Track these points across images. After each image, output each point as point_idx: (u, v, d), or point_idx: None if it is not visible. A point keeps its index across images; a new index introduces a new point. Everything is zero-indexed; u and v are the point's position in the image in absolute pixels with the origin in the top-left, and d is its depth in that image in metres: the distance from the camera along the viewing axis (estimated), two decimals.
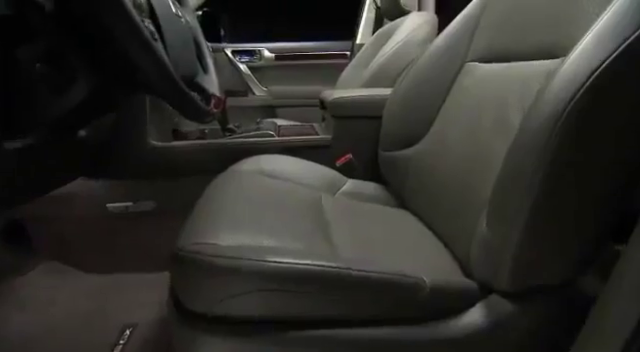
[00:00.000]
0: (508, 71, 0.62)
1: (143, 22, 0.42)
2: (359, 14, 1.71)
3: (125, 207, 0.88)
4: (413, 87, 0.81)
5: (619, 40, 0.37)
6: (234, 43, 1.74)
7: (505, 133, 0.55)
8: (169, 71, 0.41)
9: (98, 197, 0.86)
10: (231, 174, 0.78)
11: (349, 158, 0.92)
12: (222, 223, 0.53)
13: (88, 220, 0.87)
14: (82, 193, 0.85)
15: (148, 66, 0.39)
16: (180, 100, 0.45)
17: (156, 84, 0.42)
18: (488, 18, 0.72)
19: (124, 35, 0.37)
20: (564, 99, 0.39)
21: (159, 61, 0.39)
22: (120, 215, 0.88)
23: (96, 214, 0.87)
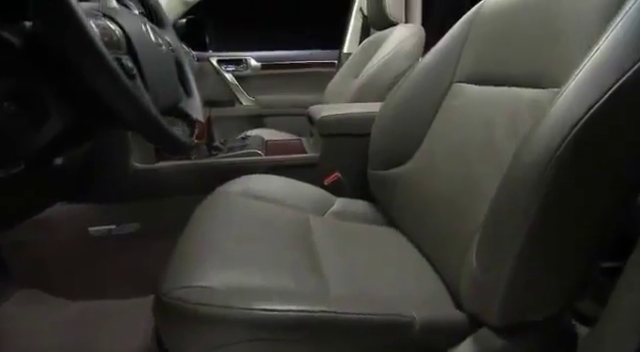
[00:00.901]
0: (495, 95, 0.62)
1: (120, 59, 0.41)
2: (346, 23, 1.71)
3: (108, 230, 0.85)
4: (401, 106, 0.81)
5: (617, 74, 0.37)
6: (220, 51, 1.71)
7: (493, 160, 0.55)
8: (145, 109, 0.39)
9: (79, 221, 0.83)
10: (217, 198, 0.76)
11: (337, 177, 0.91)
12: (208, 260, 0.52)
13: (68, 244, 0.84)
14: (62, 217, 0.82)
15: (122, 106, 0.37)
16: (159, 137, 0.43)
17: (132, 122, 0.40)
18: (473, 39, 0.72)
19: (95, 76, 0.35)
20: (559, 134, 0.38)
21: (134, 100, 0.37)
22: (103, 238, 0.85)
23: (77, 238, 0.84)
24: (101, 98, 0.37)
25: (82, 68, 0.34)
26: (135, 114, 0.38)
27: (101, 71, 0.34)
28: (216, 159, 0.89)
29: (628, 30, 0.38)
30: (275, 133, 1.53)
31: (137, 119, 0.39)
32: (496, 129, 0.57)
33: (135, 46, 0.43)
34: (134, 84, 0.43)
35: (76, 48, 0.33)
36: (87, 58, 0.33)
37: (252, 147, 0.94)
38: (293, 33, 2.02)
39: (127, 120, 0.39)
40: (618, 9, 0.42)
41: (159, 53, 0.51)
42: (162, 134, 0.43)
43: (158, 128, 0.42)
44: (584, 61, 0.41)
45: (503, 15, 0.66)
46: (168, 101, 0.56)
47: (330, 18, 1.81)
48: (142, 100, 0.38)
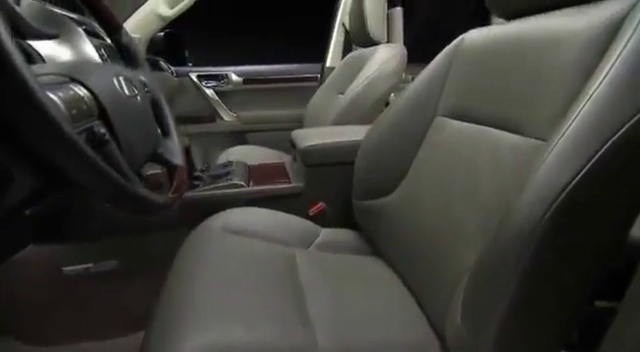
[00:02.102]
0: (477, 134, 0.62)
1: (92, 128, 0.39)
2: (328, 37, 1.70)
3: (85, 269, 0.82)
4: (385, 138, 0.80)
5: (615, 127, 0.36)
6: (200, 66, 1.67)
7: (477, 207, 0.56)
8: (115, 180, 0.37)
9: (52, 261, 0.79)
10: (200, 236, 0.75)
11: (322, 207, 0.91)
12: (192, 318, 0.51)
13: (41, 287, 0.80)
14: (33, 258, 0.78)
15: (89, 181, 0.35)
16: (132, 204, 0.41)
17: (101, 194, 0.38)
18: (455, 73, 0.73)
19: (57, 158, 0.33)
20: (544, 202, 0.38)
21: (102, 173, 0.35)
22: (79, 278, 0.82)
23: (51, 279, 0.80)
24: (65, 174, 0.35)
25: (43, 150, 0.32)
26: (105, 187, 0.37)
27: (65, 153, 0.32)
28: (198, 193, 0.86)
29: (613, 91, 0.38)
30: (258, 151, 1.51)
31: (109, 193, 0.37)
32: (479, 173, 0.58)
33: (107, 108, 0.41)
34: (107, 149, 0.41)
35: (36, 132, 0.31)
36: (48, 142, 0.31)
37: (235, 176, 0.92)
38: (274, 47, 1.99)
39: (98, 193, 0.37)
40: (598, 61, 0.43)
41: (134, 106, 0.48)
42: (135, 200, 0.41)
43: (133, 198, 0.40)
44: (567, 118, 0.41)
45: (483, 52, 0.66)
46: (146, 151, 0.54)
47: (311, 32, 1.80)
48: (111, 173, 0.36)
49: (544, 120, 0.49)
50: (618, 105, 0.37)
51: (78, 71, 0.40)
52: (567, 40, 0.48)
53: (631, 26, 0.40)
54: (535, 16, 0.58)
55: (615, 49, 0.40)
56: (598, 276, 0.43)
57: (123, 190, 0.38)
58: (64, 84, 0.37)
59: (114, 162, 0.42)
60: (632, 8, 0.42)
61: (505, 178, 0.51)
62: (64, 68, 0.39)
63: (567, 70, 0.47)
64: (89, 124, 0.38)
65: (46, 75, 0.37)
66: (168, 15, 1.40)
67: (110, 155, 0.41)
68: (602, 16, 0.45)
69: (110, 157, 0.41)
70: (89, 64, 0.46)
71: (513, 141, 0.54)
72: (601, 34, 0.44)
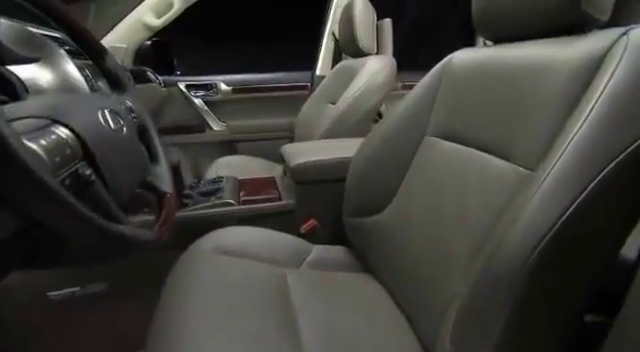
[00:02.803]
0: (465, 157, 0.62)
1: (76, 171, 0.38)
2: (318, 45, 1.70)
3: (71, 293, 0.80)
4: (375, 156, 0.81)
5: (600, 166, 0.37)
6: (188, 76, 1.64)
7: (466, 232, 0.56)
8: (99, 226, 0.36)
9: (36, 286, 0.77)
10: (191, 258, 0.74)
11: (313, 224, 0.90)
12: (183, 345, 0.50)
13: (25, 313, 0.77)
14: (14, 283, 0.76)
15: (71, 230, 0.35)
16: (118, 245, 0.40)
17: (85, 241, 0.37)
18: (444, 93, 0.73)
19: (37, 209, 0.32)
20: (533, 239, 0.39)
21: (85, 222, 0.34)
22: (65, 302, 0.80)
23: (35, 305, 0.78)
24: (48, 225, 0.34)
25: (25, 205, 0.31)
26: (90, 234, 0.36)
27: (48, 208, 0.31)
28: (188, 212, 0.85)
29: (597, 130, 0.39)
30: (248, 162, 1.50)
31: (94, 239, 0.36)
32: (468, 198, 0.58)
33: (92, 148, 0.40)
34: (93, 190, 0.40)
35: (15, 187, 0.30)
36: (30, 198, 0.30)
37: (225, 194, 0.91)
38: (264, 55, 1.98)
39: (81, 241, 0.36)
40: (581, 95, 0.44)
41: (120, 139, 0.47)
42: (123, 242, 0.40)
43: (119, 239, 0.39)
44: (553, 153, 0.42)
45: (471, 75, 0.67)
46: (133, 183, 0.52)
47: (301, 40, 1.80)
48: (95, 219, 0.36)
49: (530, 149, 0.50)
50: (602, 144, 0.38)
51: (60, 111, 0.39)
52: (551, 71, 0.49)
53: (612, 64, 0.41)
54: (521, 42, 0.58)
55: (597, 86, 0.41)
56: (589, 295, 0.44)
57: (108, 233, 0.37)
58: (46, 128, 0.36)
59: (100, 202, 0.41)
60: (613, 45, 0.43)
61: (493, 206, 0.52)
62: (45, 109, 0.38)
63: (551, 101, 0.48)
64: (73, 168, 0.37)
65: (26, 118, 0.36)
66: (155, 25, 1.38)
67: (96, 195, 0.40)
68: (584, 50, 0.46)
69: (96, 198, 0.40)
70: (72, 100, 0.44)
71: (500, 167, 0.54)
72: (583, 68, 0.45)
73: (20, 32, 0.65)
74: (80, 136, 0.39)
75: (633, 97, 0.38)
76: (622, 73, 0.40)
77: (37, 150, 0.32)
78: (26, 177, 0.29)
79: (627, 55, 0.40)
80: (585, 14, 0.47)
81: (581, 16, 0.47)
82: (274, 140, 1.69)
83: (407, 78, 1.72)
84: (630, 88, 0.39)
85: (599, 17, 0.47)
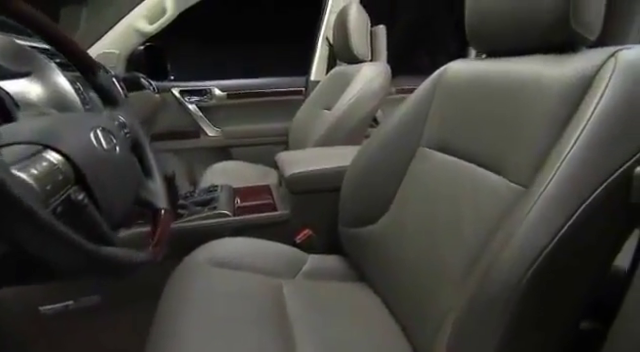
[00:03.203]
0: (459, 170, 0.63)
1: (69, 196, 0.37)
2: (313, 51, 1.69)
3: (64, 307, 0.79)
4: (370, 166, 0.81)
5: (591, 188, 0.38)
6: (182, 81, 1.63)
7: (459, 244, 0.57)
8: (91, 253, 0.36)
9: (27, 300, 0.76)
10: (186, 270, 0.74)
11: (308, 234, 0.90)
12: None
13: (17, 329, 0.76)
14: (5, 298, 0.75)
15: (63, 260, 0.34)
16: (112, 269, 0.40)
17: (78, 269, 0.37)
18: (438, 104, 0.73)
19: (28, 241, 0.31)
20: (527, 260, 0.39)
21: (77, 251, 0.34)
22: (58, 316, 0.79)
23: (26, 320, 0.76)
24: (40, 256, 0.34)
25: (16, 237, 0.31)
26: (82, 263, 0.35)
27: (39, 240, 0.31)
28: (183, 224, 0.85)
29: (588, 152, 0.40)
30: (243, 168, 1.49)
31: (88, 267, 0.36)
32: (461, 212, 0.59)
33: (84, 171, 0.39)
34: (85, 214, 0.40)
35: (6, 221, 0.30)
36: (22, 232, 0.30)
37: (220, 204, 0.90)
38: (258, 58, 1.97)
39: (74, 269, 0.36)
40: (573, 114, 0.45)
41: (113, 159, 0.47)
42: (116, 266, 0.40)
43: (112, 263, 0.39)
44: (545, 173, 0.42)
45: (464, 88, 0.67)
46: (127, 202, 0.52)
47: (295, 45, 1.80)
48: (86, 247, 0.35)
49: (522, 165, 0.50)
50: (593, 166, 0.39)
51: (52, 136, 0.38)
52: (542, 89, 0.50)
53: (601, 85, 0.42)
54: (513, 57, 0.59)
55: (587, 107, 0.42)
56: (583, 307, 0.45)
57: (100, 259, 0.37)
58: (37, 154, 0.36)
59: (93, 225, 0.41)
60: (602, 65, 0.44)
61: (486, 221, 0.52)
62: (36, 134, 0.37)
63: (542, 119, 0.49)
64: (66, 193, 0.37)
65: (16, 144, 0.36)
66: (148, 31, 1.37)
67: (89, 219, 0.40)
68: (575, 69, 0.47)
69: (89, 221, 0.40)
70: (63, 121, 0.44)
71: (493, 181, 0.55)
72: (573, 88, 0.46)
73: (9, 46, 0.64)
74: (72, 160, 0.38)
75: (621, 119, 0.39)
76: (611, 95, 0.40)
77: (27, 180, 0.32)
78: (14, 209, 0.28)
79: (615, 77, 0.41)
80: (575, 33, 0.47)
81: (571, 35, 0.48)
82: (269, 145, 1.69)
83: (402, 83, 1.73)
84: (618, 111, 0.40)
85: (588, 36, 0.48)
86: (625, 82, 0.40)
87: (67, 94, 0.68)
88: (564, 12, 0.47)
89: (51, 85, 0.66)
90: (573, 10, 0.46)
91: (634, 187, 0.37)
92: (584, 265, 0.43)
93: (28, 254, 0.35)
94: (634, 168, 0.37)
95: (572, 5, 0.46)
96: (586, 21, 0.47)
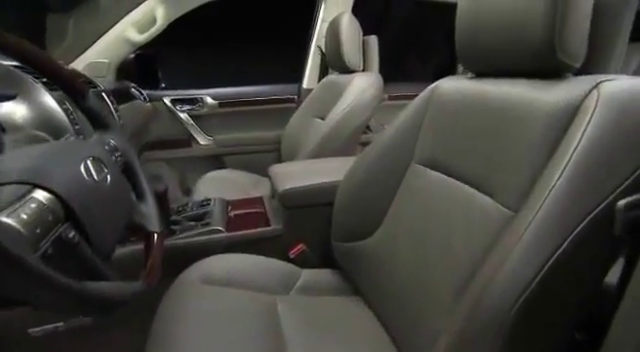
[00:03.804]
0: (451, 189, 0.63)
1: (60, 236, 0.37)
2: (305, 58, 1.69)
3: (54, 328, 0.78)
4: (363, 181, 0.81)
5: (582, 213, 0.39)
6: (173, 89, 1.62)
7: (450, 265, 0.57)
8: (83, 295, 0.36)
9: (16, 323, 0.75)
10: (180, 290, 0.73)
11: (302, 248, 0.90)
12: None
13: None
14: None
15: (53, 305, 0.34)
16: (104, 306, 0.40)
17: (72, 312, 0.37)
18: (430, 121, 0.74)
19: (17, 289, 0.31)
20: (528, 275, 0.40)
21: (68, 295, 0.34)
22: (48, 338, 0.78)
23: (16, 343, 0.75)
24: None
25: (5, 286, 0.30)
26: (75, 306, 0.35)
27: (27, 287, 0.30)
28: (177, 241, 0.84)
29: (573, 185, 0.41)
30: (236, 176, 1.49)
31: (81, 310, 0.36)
32: (453, 233, 0.59)
33: (74, 208, 0.39)
34: (77, 251, 0.39)
35: None
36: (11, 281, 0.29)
37: (214, 219, 0.90)
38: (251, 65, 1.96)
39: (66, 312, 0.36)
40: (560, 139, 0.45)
41: (104, 190, 0.46)
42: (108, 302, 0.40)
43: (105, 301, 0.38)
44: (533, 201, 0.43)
45: (455, 106, 0.68)
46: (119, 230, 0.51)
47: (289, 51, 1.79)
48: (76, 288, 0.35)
49: (512, 190, 0.51)
50: (579, 199, 0.40)
51: (41, 174, 0.37)
52: (530, 115, 0.51)
53: (585, 117, 0.43)
54: (502, 79, 0.60)
55: (573, 138, 0.43)
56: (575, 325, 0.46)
57: (93, 299, 0.37)
58: (26, 195, 0.35)
59: (84, 261, 0.40)
60: (586, 96, 0.45)
61: (477, 245, 0.53)
62: (24, 172, 0.37)
63: (530, 146, 0.50)
64: (56, 233, 0.36)
65: (6, 185, 0.35)
66: (138, 40, 1.36)
67: (80, 256, 0.40)
68: (561, 98, 0.48)
69: (80, 258, 0.40)
70: (53, 155, 0.43)
71: (484, 203, 0.55)
72: (560, 117, 0.47)
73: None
74: (62, 198, 0.38)
75: (604, 153, 0.40)
76: (594, 129, 0.41)
77: (16, 226, 0.31)
78: (1, 259, 0.28)
79: (598, 109, 0.42)
80: (560, 61, 0.49)
81: (556, 62, 0.49)
82: (261, 153, 1.69)
83: (393, 89, 1.74)
84: (601, 145, 0.41)
85: (573, 64, 0.50)
86: (608, 116, 0.41)
87: (55, 115, 0.67)
88: (550, 41, 0.48)
89: (38, 106, 0.65)
90: (558, 39, 0.48)
91: (617, 220, 0.38)
92: (573, 290, 0.44)
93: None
94: (617, 201, 0.38)
95: (557, 35, 0.47)
96: (571, 50, 0.48)
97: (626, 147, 0.40)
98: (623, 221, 0.37)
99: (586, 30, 0.49)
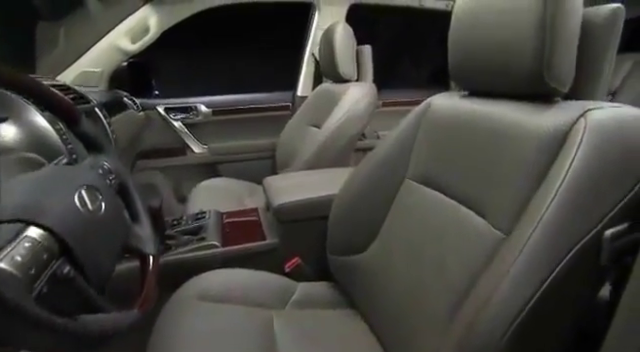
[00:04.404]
0: (445, 207, 0.64)
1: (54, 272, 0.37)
2: (299, 66, 1.70)
3: None
4: (357, 196, 0.82)
5: (571, 242, 0.40)
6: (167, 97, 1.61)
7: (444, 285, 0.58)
8: (75, 331, 0.36)
9: None
10: (175, 308, 0.73)
11: (297, 262, 0.91)
12: None
13: None
14: None
15: (45, 346, 0.34)
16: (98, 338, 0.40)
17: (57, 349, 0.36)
18: (423, 137, 0.74)
19: (12, 335, 0.31)
20: (520, 302, 0.41)
21: (62, 336, 0.34)
22: None
23: None
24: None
25: None
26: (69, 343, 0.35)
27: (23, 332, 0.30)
28: (172, 257, 0.84)
29: (561, 216, 0.42)
30: (231, 185, 1.48)
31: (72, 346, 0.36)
32: (446, 252, 0.60)
33: (69, 242, 0.39)
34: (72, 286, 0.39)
35: None
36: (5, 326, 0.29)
37: (209, 234, 0.90)
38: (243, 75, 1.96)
39: None
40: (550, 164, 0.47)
41: (98, 220, 0.46)
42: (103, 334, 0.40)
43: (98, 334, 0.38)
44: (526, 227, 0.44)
45: (448, 124, 0.69)
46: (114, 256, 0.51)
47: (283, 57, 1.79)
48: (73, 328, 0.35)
49: (504, 212, 0.52)
50: (568, 228, 0.41)
51: (33, 209, 0.37)
52: (521, 139, 0.52)
53: (572, 148, 0.44)
54: (494, 100, 0.61)
55: (561, 168, 0.44)
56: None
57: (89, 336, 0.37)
58: (20, 234, 0.35)
59: (80, 294, 0.40)
60: (574, 124, 0.46)
61: (470, 266, 0.54)
62: (18, 209, 0.36)
63: (520, 170, 0.51)
64: (51, 271, 0.36)
65: None
66: (130, 50, 1.35)
67: (75, 290, 0.39)
68: (550, 124, 0.49)
69: (75, 292, 0.40)
70: (46, 186, 0.42)
71: (477, 224, 0.56)
72: (549, 143, 0.48)
73: None
74: (57, 234, 0.38)
75: (591, 183, 0.42)
76: (581, 159, 0.42)
77: (9, 270, 0.31)
78: None
79: (586, 139, 0.43)
80: (548, 86, 0.50)
81: (545, 88, 0.50)
82: (256, 160, 1.69)
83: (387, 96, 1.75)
84: (589, 176, 0.42)
85: (561, 89, 0.51)
86: (595, 146, 0.42)
87: (48, 136, 0.66)
88: (539, 67, 0.49)
89: (30, 128, 0.64)
90: (547, 66, 0.49)
91: (604, 250, 0.39)
92: (564, 314, 0.45)
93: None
94: (604, 231, 0.39)
95: (546, 62, 0.48)
96: (559, 76, 0.50)
97: (612, 177, 0.41)
98: (609, 251, 0.38)
99: (574, 57, 0.50)
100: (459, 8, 0.62)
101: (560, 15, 0.48)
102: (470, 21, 0.59)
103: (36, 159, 0.64)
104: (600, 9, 0.51)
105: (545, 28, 0.48)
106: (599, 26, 0.50)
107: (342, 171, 1.07)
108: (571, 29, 0.49)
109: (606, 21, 0.50)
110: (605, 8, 0.50)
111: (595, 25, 0.51)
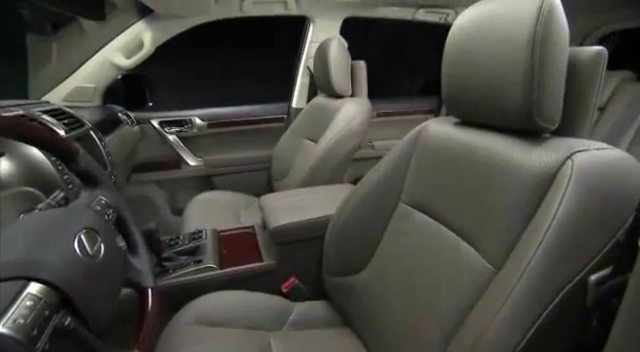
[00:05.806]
0: (438, 233, 0.65)
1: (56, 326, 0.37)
2: (294, 78, 1.70)
3: None
4: (352, 219, 0.83)
5: (558, 287, 0.41)
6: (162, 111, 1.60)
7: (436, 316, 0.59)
8: None
9: None
10: (174, 334, 0.73)
11: (294, 282, 0.92)
12: None
13: None
14: None
15: None
16: None
17: None
18: (416, 163, 0.76)
19: None
20: (509, 345, 0.42)
21: None
22: None
23: None
24: None
25: None
26: None
27: None
28: (170, 280, 0.84)
29: (548, 261, 0.43)
30: (227, 198, 1.49)
31: None
32: (439, 279, 0.61)
33: (71, 294, 0.39)
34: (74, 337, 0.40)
35: None
36: None
37: (206, 256, 0.91)
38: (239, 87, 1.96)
39: None
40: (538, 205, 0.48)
41: (98, 264, 0.46)
42: None
43: None
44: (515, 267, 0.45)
45: (441, 150, 0.70)
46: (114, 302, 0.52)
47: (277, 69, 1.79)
48: None
49: (495, 246, 0.54)
50: (554, 274, 0.42)
51: (32, 264, 0.38)
52: (511, 173, 0.54)
53: (559, 193, 0.45)
54: (486, 131, 0.62)
55: (548, 211, 0.45)
56: None
57: None
58: (21, 292, 0.35)
59: (81, 342, 0.41)
60: (561, 166, 0.47)
61: (462, 298, 0.55)
62: (17, 267, 0.37)
63: (511, 206, 0.52)
64: (53, 325, 0.37)
65: None
66: (124, 65, 1.34)
67: (76, 339, 0.40)
68: (539, 163, 0.50)
69: (76, 341, 0.40)
70: (44, 235, 0.43)
71: (469, 255, 0.58)
72: (538, 183, 0.50)
73: None
74: (58, 287, 0.38)
75: (577, 229, 0.43)
76: (568, 202, 0.44)
77: (11, 334, 0.32)
78: None
79: (572, 184, 0.45)
80: (537, 124, 0.51)
81: (534, 125, 0.52)
82: (252, 172, 1.69)
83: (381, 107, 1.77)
84: (576, 219, 0.43)
85: (549, 126, 0.52)
86: (579, 193, 0.44)
87: (44, 169, 0.67)
88: (528, 106, 0.51)
89: (26, 162, 0.65)
90: (536, 106, 0.50)
91: (589, 294, 0.40)
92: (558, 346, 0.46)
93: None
94: (589, 276, 0.41)
95: (535, 101, 0.50)
96: (547, 115, 0.51)
97: (596, 223, 0.42)
98: (594, 295, 0.40)
99: (561, 96, 0.52)
100: (451, 42, 0.63)
101: (548, 56, 0.49)
102: (463, 57, 0.60)
103: (33, 193, 0.64)
104: (585, 50, 0.52)
105: (534, 69, 0.49)
106: (584, 66, 0.52)
107: (338, 189, 1.08)
108: (558, 69, 0.51)
109: (591, 61, 0.52)
110: (590, 49, 0.52)
111: (581, 64, 0.53)
